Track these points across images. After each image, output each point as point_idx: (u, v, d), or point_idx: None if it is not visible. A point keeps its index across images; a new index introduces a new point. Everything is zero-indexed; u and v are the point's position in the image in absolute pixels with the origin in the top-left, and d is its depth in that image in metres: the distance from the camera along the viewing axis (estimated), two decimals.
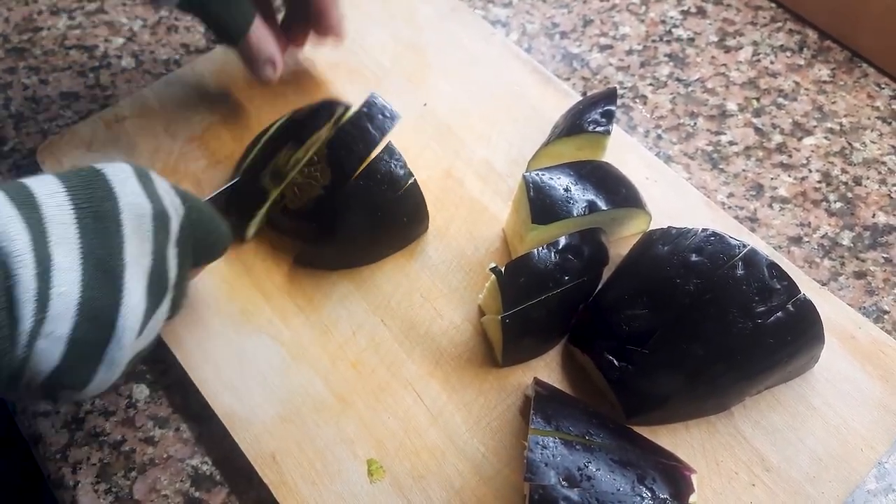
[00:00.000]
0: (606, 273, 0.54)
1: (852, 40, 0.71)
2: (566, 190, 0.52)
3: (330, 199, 0.53)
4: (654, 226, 0.55)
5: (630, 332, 0.49)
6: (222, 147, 0.63)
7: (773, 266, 0.47)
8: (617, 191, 0.54)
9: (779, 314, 0.46)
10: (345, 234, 0.54)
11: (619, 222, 0.56)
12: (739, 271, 0.47)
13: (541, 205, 0.52)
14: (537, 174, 0.53)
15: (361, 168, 0.53)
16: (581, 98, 0.64)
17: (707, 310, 0.47)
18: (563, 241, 0.51)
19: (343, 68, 0.68)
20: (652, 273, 0.50)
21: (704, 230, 0.50)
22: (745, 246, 0.48)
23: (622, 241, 0.57)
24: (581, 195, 0.52)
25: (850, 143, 0.66)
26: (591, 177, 0.54)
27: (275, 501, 0.47)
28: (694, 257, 0.49)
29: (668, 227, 0.53)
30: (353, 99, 0.59)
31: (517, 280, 0.49)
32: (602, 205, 0.52)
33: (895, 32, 0.67)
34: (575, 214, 0.51)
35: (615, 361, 0.49)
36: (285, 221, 0.57)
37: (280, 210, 0.56)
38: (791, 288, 0.47)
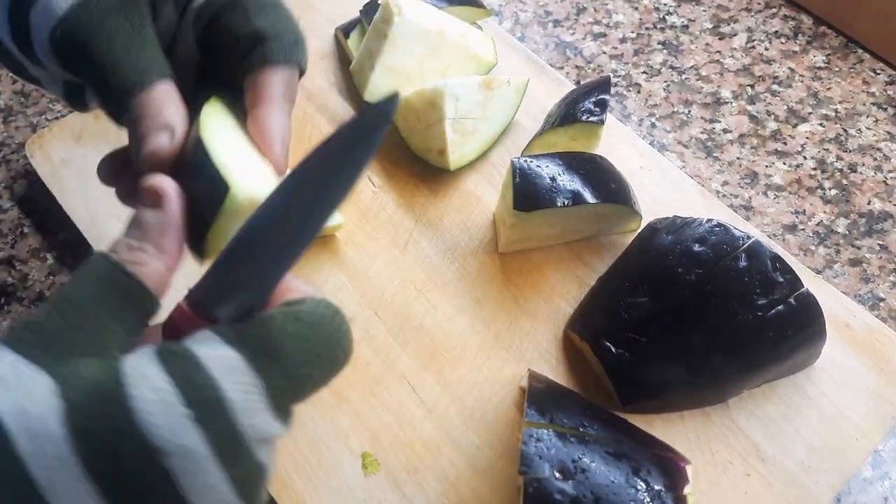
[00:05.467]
0: (609, 263, 0.53)
1: (847, 26, 0.71)
2: (552, 179, 0.51)
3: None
4: (647, 215, 0.55)
5: (629, 319, 0.48)
6: None
7: (777, 259, 0.47)
8: (606, 185, 0.53)
9: (780, 307, 0.46)
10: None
11: (607, 219, 0.55)
12: (742, 263, 0.47)
13: (524, 191, 0.51)
14: (525, 160, 0.52)
15: None
16: (574, 87, 0.63)
17: (707, 300, 0.47)
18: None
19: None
20: (654, 261, 0.50)
21: (709, 220, 0.49)
22: (749, 237, 0.48)
23: (618, 238, 0.56)
24: (567, 186, 0.51)
25: (845, 130, 0.65)
26: (581, 168, 0.53)
27: (270, 496, 0.47)
28: (697, 247, 0.48)
29: (674, 216, 0.52)
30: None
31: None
32: (588, 198, 0.51)
33: (891, 17, 0.67)
34: (558, 205, 0.50)
35: (613, 348, 0.48)
36: None
37: None
38: (794, 282, 0.47)
